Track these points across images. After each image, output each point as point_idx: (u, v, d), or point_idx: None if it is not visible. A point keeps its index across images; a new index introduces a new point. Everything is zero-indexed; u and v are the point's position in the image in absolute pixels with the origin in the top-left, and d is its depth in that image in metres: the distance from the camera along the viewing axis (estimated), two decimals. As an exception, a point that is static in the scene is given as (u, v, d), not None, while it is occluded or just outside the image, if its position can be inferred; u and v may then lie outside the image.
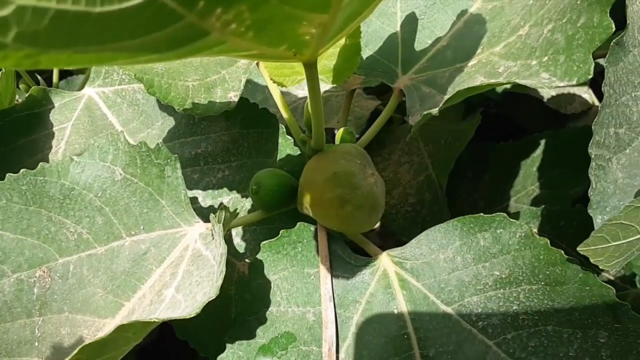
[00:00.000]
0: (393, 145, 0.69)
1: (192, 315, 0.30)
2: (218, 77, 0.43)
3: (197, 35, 0.22)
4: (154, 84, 0.39)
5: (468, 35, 0.43)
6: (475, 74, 0.38)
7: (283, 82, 0.38)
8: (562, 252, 0.35)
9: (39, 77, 0.66)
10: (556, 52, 0.34)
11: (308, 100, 0.34)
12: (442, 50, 0.44)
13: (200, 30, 0.22)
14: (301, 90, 0.72)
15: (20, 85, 0.64)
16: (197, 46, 0.23)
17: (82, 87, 0.64)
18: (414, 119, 0.38)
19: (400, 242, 0.42)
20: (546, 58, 0.34)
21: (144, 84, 0.39)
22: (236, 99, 0.43)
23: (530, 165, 0.62)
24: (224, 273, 0.32)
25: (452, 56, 0.42)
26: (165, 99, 0.40)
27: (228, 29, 0.23)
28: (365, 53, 0.47)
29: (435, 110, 0.34)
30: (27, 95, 0.54)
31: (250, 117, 0.49)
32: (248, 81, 0.62)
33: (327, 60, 0.37)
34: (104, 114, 0.56)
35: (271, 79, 0.39)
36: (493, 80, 0.35)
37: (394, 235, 0.64)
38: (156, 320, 0.29)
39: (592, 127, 0.34)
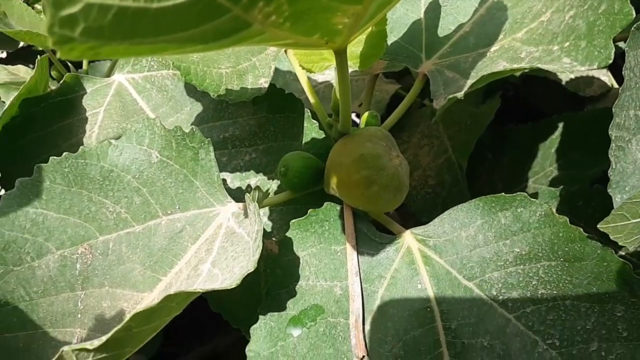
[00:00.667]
0: (413, 128, 0.71)
1: (232, 286, 0.32)
2: (249, 65, 0.45)
3: (240, 26, 0.24)
4: (191, 72, 0.41)
5: (490, 21, 0.44)
6: (497, 59, 0.39)
7: (311, 68, 0.40)
8: (581, 229, 0.37)
9: (69, 63, 0.68)
10: (577, 37, 0.35)
11: (336, 85, 0.35)
12: (465, 36, 0.45)
13: (244, 22, 0.24)
14: (321, 75, 0.73)
15: (52, 73, 0.66)
16: (240, 37, 0.25)
17: (109, 73, 0.67)
18: (438, 102, 0.39)
19: (420, 223, 0.44)
20: (568, 43, 0.35)
21: (181, 71, 0.41)
22: (266, 85, 0.45)
23: (549, 147, 0.63)
24: (261, 247, 0.34)
25: (474, 42, 0.44)
26: (201, 86, 0.42)
27: (268, 20, 0.24)
28: (390, 39, 0.48)
29: (460, 94, 0.35)
30: (60, 82, 0.56)
31: (277, 102, 0.51)
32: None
33: (355, 47, 0.38)
34: (134, 99, 0.58)
35: (300, 65, 0.40)
36: (515, 65, 0.36)
37: (414, 216, 0.65)
38: (200, 290, 0.32)
39: (613, 109, 0.35)
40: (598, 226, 0.33)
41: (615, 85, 0.72)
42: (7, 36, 0.81)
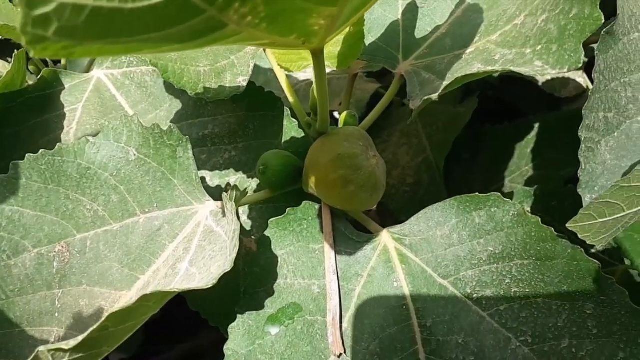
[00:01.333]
0: (392, 127, 0.71)
1: (209, 286, 0.32)
2: (227, 63, 0.45)
3: (216, 27, 0.24)
4: (168, 69, 0.41)
5: (466, 23, 0.45)
6: (472, 61, 0.40)
7: (290, 67, 0.40)
8: (552, 229, 0.38)
9: (48, 60, 0.67)
10: (549, 41, 0.36)
11: (314, 85, 0.35)
12: (441, 37, 0.46)
13: (220, 22, 0.24)
14: (302, 74, 0.73)
15: (30, 67, 0.65)
16: (216, 37, 0.25)
17: (88, 69, 0.66)
18: (414, 103, 0.40)
19: (398, 221, 0.44)
20: (540, 47, 0.36)
21: (159, 69, 0.41)
22: (245, 84, 0.45)
23: (525, 147, 0.65)
24: (238, 247, 0.34)
25: (450, 43, 0.44)
26: (179, 84, 0.42)
27: (244, 21, 0.24)
28: (368, 40, 0.48)
29: (435, 96, 0.36)
30: (38, 77, 0.56)
31: (256, 100, 0.51)
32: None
33: (332, 47, 0.38)
34: (113, 95, 0.57)
35: (278, 64, 0.41)
36: (489, 68, 0.37)
37: (392, 214, 0.66)
38: (176, 290, 0.32)
39: (583, 111, 0.36)
40: (567, 225, 0.34)
41: (591, 87, 0.74)
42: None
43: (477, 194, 0.41)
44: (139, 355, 0.89)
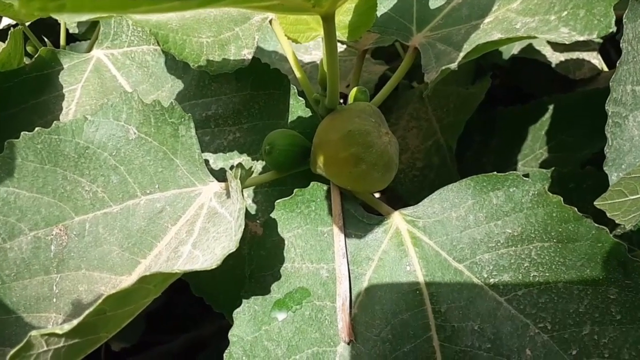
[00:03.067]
0: (401, 110, 0.69)
1: (213, 267, 0.31)
2: (231, 34, 0.43)
3: (221, -18, 0.22)
4: (169, 40, 0.39)
5: (484, -8, 0.42)
6: (491, 31, 0.37)
7: (297, 38, 0.38)
8: (575, 209, 0.36)
9: (46, 39, 0.65)
10: (576, 6, 0.34)
11: (324, 56, 0.33)
12: (457, 7, 0.44)
13: (225, -23, 0.22)
14: (307, 55, 0.71)
15: (27, 48, 0.63)
16: (221, -6, 0.23)
17: (89, 49, 0.64)
18: (429, 76, 0.38)
19: (407, 206, 0.43)
20: (565, 13, 0.34)
21: (159, 39, 0.39)
22: (249, 57, 0.43)
23: (539, 129, 0.63)
24: (243, 227, 0.32)
25: (467, 13, 0.42)
26: (180, 55, 0.40)
27: (252, -23, 0.22)
28: (380, 10, 0.46)
29: (454, 65, 0.34)
30: (35, 56, 0.54)
31: (262, 78, 0.49)
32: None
33: (343, 16, 0.36)
34: (114, 75, 0.55)
35: (286, 35, 0.39)
36: (512, 35, 0.35)
37: (401, 199, 0.64)
38: (178, 271, 0.30)
39: (610, 83, 0.34)
40: (595, 203, 0.32)
41: (605, 69, 0.72)
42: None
43: (495, 173, 0.39)
44: (141, 345, 0.88)
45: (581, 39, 0.32)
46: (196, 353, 0.90)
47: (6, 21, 0.91)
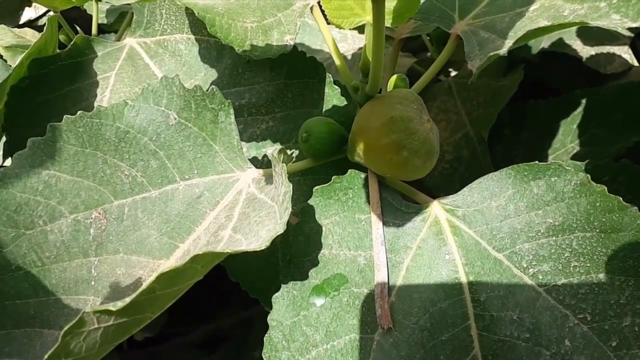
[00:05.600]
0: (429, 103, 0.69)
1: (262, 248, 0.31)
2: (274, 20, 0.43)
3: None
4: (216, 24, 0.39)
5: (529, -21, 0.42)
6: (537, 19, 0.37)
7: (341, 24, 0.38)
8: (620, 198, 0.36)
9: (78, 28, 0.66)
10: (628, -8, 0.33)
11: (369, 41, 0.33)
12: (501, -5, 0.44)
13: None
14: (340, 46, 0.71)
15: (60, 36, 0.64)
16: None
17: (119, 39, 0.65)
18: (474, 63, 0.38)
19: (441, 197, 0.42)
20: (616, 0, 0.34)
21: (207, 22, 0.39)
22: (292, 43, 0.43)
23: (570, 123, 0.62)
24: (289, 210, 0.32)
25: (511, 1, 0.42)
26: (226, 39, 0.40)
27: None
28: (423, -2, 0.46)
29: (503, 51, 0.34)
30: (71, 43, 0.54)
31: (296, 67, 0.49)
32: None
33: (388, 1, 0.36)
34: (147, 64, 0.56)
35: (329, 21, 0.39)
36: (561, 21, 0.35)
37: (430, 192, 0.64)
38: (228, 251, 0.30)
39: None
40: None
41: (636, 63, 0.71)
42: (8, 11, 0.78)
43: (536, 162, 0.38)
44: (163, 335, 0.89)
45: (634, 25, 0.32)
46: (217, 344, 0.90)
47: (26, 16, 0.92)
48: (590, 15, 0.34)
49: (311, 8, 0.44)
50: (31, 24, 0.90)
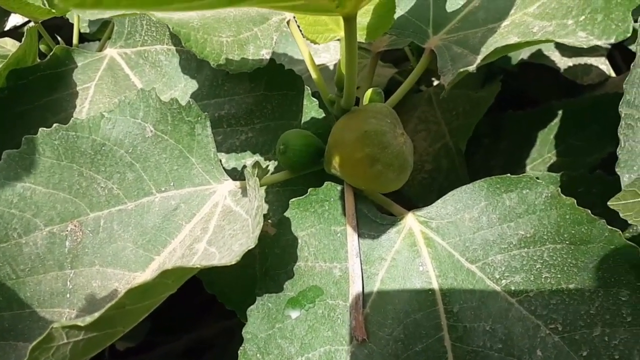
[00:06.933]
0: (409, 113, 0.70)
1: (232, 263, 0.31)
2: (250, 34, 0.43)
3: (251, -19, 0.22)
4: (191, 38, 0.40)
5: (501, -5, 0.43)
6: (508, 34, 0.38)
7: (315, 39, 0.38)
8: (589, 211, 0.36)
9: (59, 38, 0.66)
10: (594, 11, 0.34)
11: (343, 57, 0.34)
12: (474, 11, 0.44)
13: (255, -24, 0.22)
14: (317, 58, 0.72)
15: (41, 46, 0.64)
16: (249, -7, 0.23)
17: (101, 49, 0.65)
18: (445, 78, 0.38)
19: (416, 208, 0.43)
20: (583, 17, 0.34)
21: (182, 37, 0.39)
22: (268, 57, 0.44)
23: (547, 133, 0.63)
24: (262, 224, 0.32)
25: (484, 17, 0.43)
26: (201, 54, 0.40)
27: (280, -24, 0.23)
28: (397, 13, 0.47)
29: (472, 67, 0.34)
30: (50, 54, 0.54)
31: (276, 78, 0.49)
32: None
33: (362, 17, 0.37)
34: (127, 74, 0.56)
35: (304, 36, 0.39)
36: (529, 38, 0.35)
37: (410, 201, 0.64)
38: (198, 267, 0.30)
39: (624, 85, 0.34)
40: (609, 203, 0.32)
41: (613, 74, 0.72)
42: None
43: (509, 175, 0.39)
44: (145, 344, 0.88)
45: (599, 43, 0.32)
46: (200, 353, 0.90)
47: (12, 22, 0.91)
48: (557, 32, 0.34)
49: (288, 22, 0.45)
50: (17, 30, 0.90)
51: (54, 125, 0.41)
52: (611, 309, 0.36)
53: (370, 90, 0.43)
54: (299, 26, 0.40)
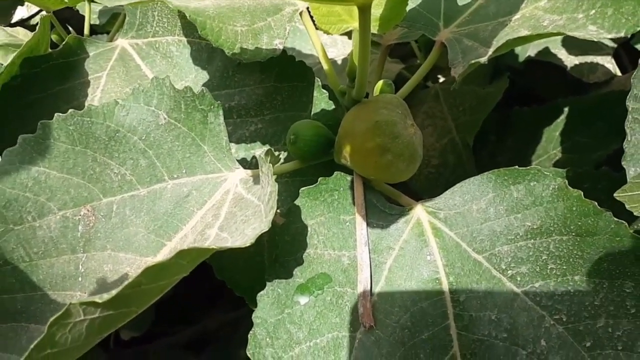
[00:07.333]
0: (416, 108, 0.70)
1: (246, 245, 0.31)
2: (264, 24, 0.44)
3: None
4: (207, 26, 0.40)
5: (512, -11, 0.43)
6: (519, 28, 0.38)
7: (328, 29, 0.39)
8: (595, 203, 0.37)
9: (70, 28, 0.66)
10: (604, 5, 0.35)
11: (355, 47, 0.34)
12: (485, 4, 0.45)
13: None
14: (329, 51, 0.72)
15: (52, 36, 0.65)
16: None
17: (111, 39, 0.65)
18: (456, 70, 0.39)
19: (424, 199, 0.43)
20: (593, 11, 0.35)
21: (198, 25, 0.40)
22: (281, 47, 0.44)
23: (553, 130, 0.64)
24: (275, 209, 0.33)
25: (495, 10, 0.43)
26: (216, 42, 0.41)
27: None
28: (409, 5, 0.47)
29: (484, 59, 0.35)
30: (63, 43, 0.55)
31: (286, 70, 0.50)
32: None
33: (375, 9, 0.37)
34: (138, 64, 0.56)
35: (317, 27, 0.40)
36: (540, 32, 0.36)
37: (416, 195, 0.65)
38: (214, 248, 0.31)
39: (632, 80, 0.35)
40: (615, 194, 0.32)
41: (619, 73, 0.73)
42: (0, 10, 0.78)
43: (517, 167, 0.40)
44: (149, 335, 0.89)
45: (609, 36, 0.33)
46: (204, 345, 0.91)
47: (18, 15, 0.92)
48: (568, 26, 0.35)
49: (300, 13, 0.45)
50: (23, 23, 0.90)
51: (69, 110, 0.42)
52: (615, 300, 0.36)
53: (381, 82, 0.44)
54: (312, 17, 0.41)
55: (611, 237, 0.36)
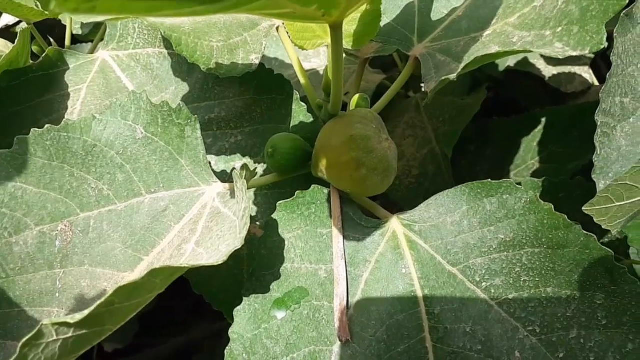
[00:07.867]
0: (397, 119, 0.71)
1: (219, 263, 0.32)
2: (240, 40, 0.44)
3: (240, -9, 0.23)
4: (182, 42, 0.40)
5: (483, 6, 0.44)
6: (489, 44, 0.39)
7: (303, 45, 0.39)
8: (565, 216, 0.37)
9: (51, 40, 0.66)
10: (570, 22, 0.35)
11: (330, 64, 0.35)
12: (457, 20, 0.45)
13: (243, -14, 0.23)
14: (307, 63, 0.73)
15: (33, 47, 0.64)
16: (239, 1, 0.24)
17: (93, 51, 0.65)
18: (429, 85, 0.40)
19: (402, 211, 0.44)
20: (560, 29, 0.36)
21: (173, 41, 0.40)
22: (257, 62, 0.44)
23: (531, 140, 0.64)
24: (248, 225, 0.33)
25: (467, 26, 0.44)
26: (192, 58, 0.41)
27: (268, -14, 0.24)
28: (383, 21, 0.48)
29: (453, 76, 0.35)
30: (43, 55, 0.55)
31: (265, 83, 0.50)
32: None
33: (348, 25, 0.38)
34: (118, 77, 0.56)
35: (293, 42, 0.40)
36: (508, 48, 0.37)
37: (396, 205, 0.65)
38: (186, 266, 0.31)
39: (600, 94, 0.35)
40: (583, 208, 0.33)
41: (596, 83, 0.74)
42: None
43: (489, 180, 0.40)
44: (133, 346, 0.89)
45: (574, 54, 0.34)
46: (188, 356, 0.90)
47: (4, 21, 0.92)
48: (536, 43, 0.36)
49: (277, 28, 0.46)
50: (9, 29, 0.90)
51: (46, 126, 0.42)
52: (587, 312, 0.37)
53: (356, 96, 0.44)
54: (288, 32, 0.41)
55: (581, 250, 0.37)
